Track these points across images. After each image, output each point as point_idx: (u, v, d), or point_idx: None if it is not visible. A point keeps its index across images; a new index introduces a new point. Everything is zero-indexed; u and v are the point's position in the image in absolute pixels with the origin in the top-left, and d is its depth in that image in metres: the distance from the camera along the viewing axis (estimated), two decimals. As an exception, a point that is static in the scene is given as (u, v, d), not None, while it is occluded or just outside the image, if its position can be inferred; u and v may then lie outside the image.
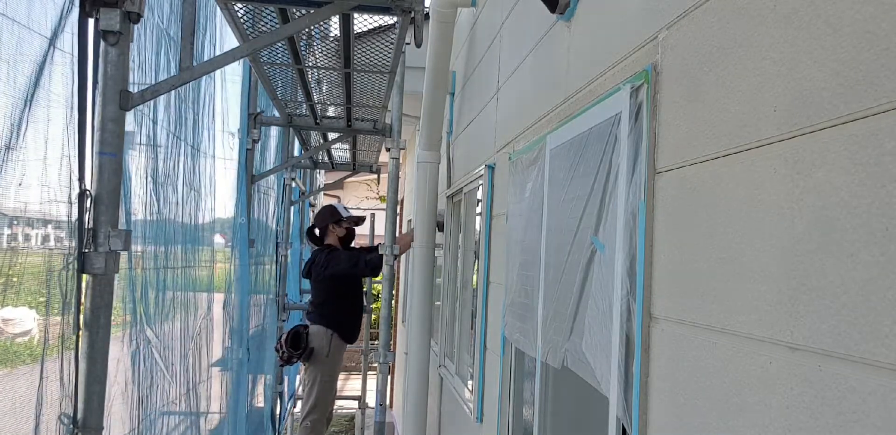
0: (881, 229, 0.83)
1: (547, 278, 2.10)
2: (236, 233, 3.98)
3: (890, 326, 0.80)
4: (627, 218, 1.52)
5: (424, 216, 4.51)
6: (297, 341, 4.58)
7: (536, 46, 2.56)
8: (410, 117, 5.63)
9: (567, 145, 2.01)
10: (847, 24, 0.91)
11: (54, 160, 1.72)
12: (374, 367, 5.01)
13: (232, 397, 3.93)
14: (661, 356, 1.38)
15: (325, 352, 4.63)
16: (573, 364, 1.80)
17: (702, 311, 1.23)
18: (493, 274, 3.14)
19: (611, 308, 1.55)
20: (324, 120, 4.73)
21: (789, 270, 0.99)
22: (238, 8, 2.50)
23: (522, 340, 2.39)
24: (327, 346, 4.64)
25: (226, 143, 3.81)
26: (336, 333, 4.70)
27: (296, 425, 6.43)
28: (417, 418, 4.45)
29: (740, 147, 1.14)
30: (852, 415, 0.86)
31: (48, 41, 1.70)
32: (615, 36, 1.76)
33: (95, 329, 1.84)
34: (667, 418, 1.34)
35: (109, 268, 1.85)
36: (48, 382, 1.74)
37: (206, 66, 2.36)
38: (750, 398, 1.07)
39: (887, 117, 0.83)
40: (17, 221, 1.78)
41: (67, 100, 1.77)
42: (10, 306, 1.68)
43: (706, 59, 1.28)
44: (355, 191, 14.01)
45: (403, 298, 8.10)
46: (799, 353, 0.96)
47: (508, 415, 2.73)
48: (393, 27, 2.82)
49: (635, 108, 1.54)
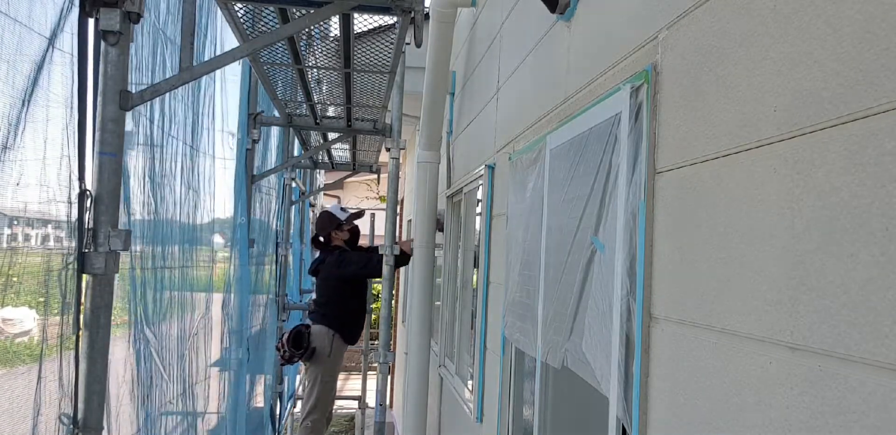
0: (881, 229, 0.83)
1: (547, 278, 2.10)
2: (236, 233, 3.98)
3: (890, 326, 0.80)
4: (627, 218, 1.52)
5: (424, 216, 4.51)
6: (300, 341, 4.59)
7: (536, 46, 2.56)
8: (410, 117, 5.63)
9: (567, 145, 2.01)
10: (847, 24, 0.91)
11: (53, 160, 1.72)
12: (374, 367, 5.01)
13: (231, 397, 3.93)
14: (661, 356, 1.38)
15: (326, 352, 4.63)
16: (573, 364, 1.80)
17: (702, 311, 1.23)
18: (493, 274, 3.14)
19: (611, 308, 1.55)
20: (324, 120, 4.73)
21: (789, 270, 0.99)
22: (238, 8, 2.50)
23: (522, 339, 2.39)
24: (329, 346, 4.64)
25: (225, 143, 3.81)
26: (338, 334, 4.70)
27: (296, 425, 6.43)
28: (417, 418, 4.45)
29: (740, 147, 1.14)
30: (852, 415, 0.86)
31: (47, 41, 1.70)
32: (615, 36, 1.76)
33: (95, 329, 1.84)
34: (667, 418, 1.34)
35: (109, 268, 1.85)
36: (48, 382, 1.74)
37: (206, 66, 2.36)
38: (750, 398, 1.07)
39: (887, 117, 0.83)
40: (17, 220, 1.78)
41: (67, 100, 1.77)
42: (10, 306, 1.68)
43: (706, 59, 1.28)
44: (355, 191, 14.01)
45: (403, 298, 8.10)
46: (799, 353, 0.96)
47: (508, 415, 2.73)
48: (393, 27, 2.82)
49: (635, 108, 1.54)
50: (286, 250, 5.88)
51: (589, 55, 1.96)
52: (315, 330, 4.67)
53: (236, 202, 4.04)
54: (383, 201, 11.87)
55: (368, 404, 7.61)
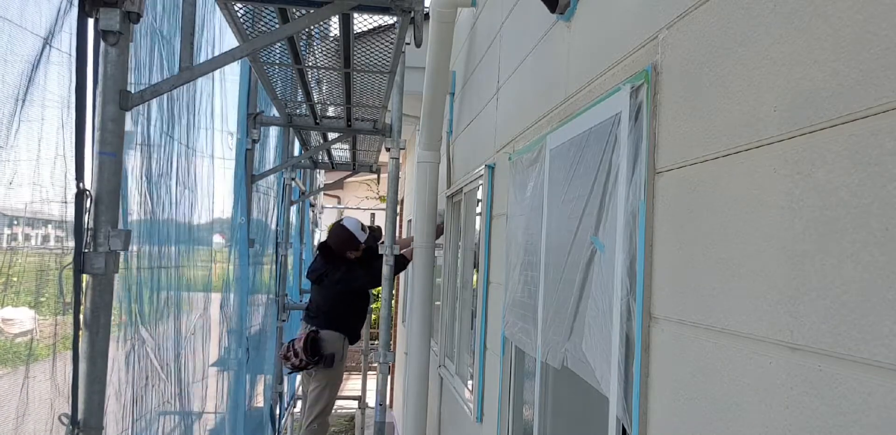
0: (881, 229, 0.83)
1: (547, 278, 2.10)
2: (236, 233, 3.98)
3: (890, 326, 0.80)
4: (627, 218, 1.52)
5: (424, 216, 4.51)
6: (317, 348, 4.49)
7: (536, 46, 2.56)
8: (410, 117, 5.63)
9: (567, 145, 2.01)
10: (847, 24, 0.91)
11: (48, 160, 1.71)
12: (374, 367, 5.01)
13: (231, 397, 3.93)
14: (661, 356, 1.38)
15: (340, 356, 4.64)
16: (573, 364, 1.80)
17: (702, 311, 1.23)
18: (493, 274, 3.14)
19: (611, 308, 1.55)
20: (324, 120, 4.73)
21: (789, 270, 0.99)
22: (238, 8, 2.50)
23: (522, 339, 2.39)
24: (342, 350, 4.67)
25: (224, 143, 3.81)
26: (347, 338, 4.74)
27: (295, 425, 6.43)
28: (417, 418, 4.45)
29: (740, 147, 1.14)
30: (852, 415, 0.85)
31: (44, 41, 1.69)
32: (615, 36, 1.75)
33: (95, 329, 1.84)
34: (667, 418, 1.34)
35: (109, 268, 1.85)
36: (48, 381, 1.74)
37: (206, 65, 2.36)
38: (750, 398, 1.07)
39: (887, 117, 0.83)
40: (17, 220, 1.77)
41: (64, 99, 1.76)
42: (10, 306, 1.68)
43: (706, 59, 1.28)
44: (355, 191, 14.01)
45: (403, 298, 8.10)
46: (799, 353, 0.96)
47: (508, 415, 2.73)
48: (393, 27, 2.82)
49: (635, 108, 1.54)
50: (286, 250, 5.89)
51: (589, 55, 1.96)
52: (326, 336, 4.58)
53: (236, 202, 4.04)
54: (383, 201, 11.87)
55: (368, 404, 7.62)
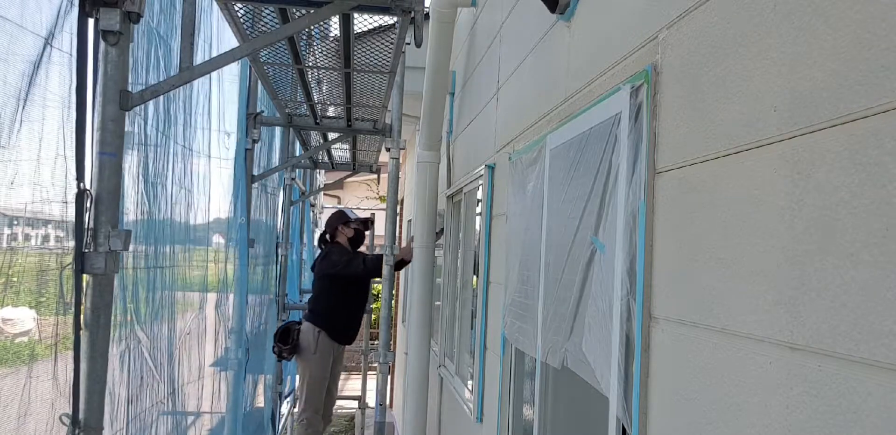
0: (881, 229, 0.83)
1: (547, 278, 2.10)
2: (235, 233, 3.98)
3: (890, 326, 0.80)
4: (627, 218, 1.52)
5: (424, 216, 4.51)
6: (286, 336, 4.70)
7: (536, 46, 2.56)
8: (410, 117, 5.63)
9: (567, 145, 2.01)
10: (847, 24, 0.91)
11: (48, 159, 1.71)
12: (374, 367, 5.01)
13: (231, 397, 3.93)
14: (661, 356, 1.38)
15: (311, 349, 4.72)
16: (573, 364, 1.80)
17: (702, 311, 1.23)
18: (493, 274, 3.14)
19: (611, 308, 1.55)
20: (324, 120, 4.73)
21: (789, 269, 0.99)
22: (238, 8, 2.50)
23: (522, 339, 2.39)
24: (314, 343, 4.72)
25: (221, 143, 3.81)
26: (324, 332, 4.74)
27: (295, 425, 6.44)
28: (417, 418, 4.46)
29: (740, 147, 1.14)
30: (852, 415, 0.85)
31: (44, 41, 1.69)
32: (615, 36, 1.75)
33: (95, 329, 1.84)
34: (667, 418, 1.34)
35: (109, 268, 1.85)
36: (48, 381, 1.74)
37: (206, 66, 2.36)
38: (750, 398, 1.07)
39: (887, 117, 0.83)
40: (17, 220, 1.77)
41: (64, 99, 1.76)
42: (9, 306, 1.68)
43: (706, 59, 1.28)
44: (355, 191, 14.01)
45: (403, 298, 8.10)
46: (799, 353, 0.96)
47: (508, 415, 2.73)
48: (393, 27, 2.82)
49: (635, 109, 1.54)
50: (286, 250, 5.89)
51: (589, 55, 1.96)
52: (302, 327, 4.77)
53: (236, 202, 4.04)
54: (383, 201, 11.87)
55: (368, 404, 7.62)
